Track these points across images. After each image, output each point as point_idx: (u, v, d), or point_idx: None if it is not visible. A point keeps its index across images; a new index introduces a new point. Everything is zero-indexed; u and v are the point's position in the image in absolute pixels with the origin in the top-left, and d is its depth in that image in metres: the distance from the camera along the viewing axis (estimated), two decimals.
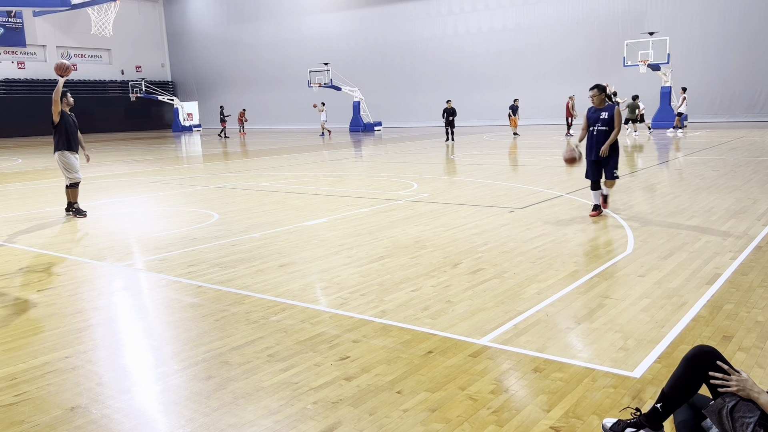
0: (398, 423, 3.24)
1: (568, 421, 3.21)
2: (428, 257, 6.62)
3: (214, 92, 52.56)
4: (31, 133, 45.69)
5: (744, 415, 2.58)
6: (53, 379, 3.93)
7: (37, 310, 5.34)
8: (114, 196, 12.53)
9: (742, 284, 5.36)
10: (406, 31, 42.00)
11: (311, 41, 45.80)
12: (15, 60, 45.36)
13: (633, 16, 33.94)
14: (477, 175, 13.77)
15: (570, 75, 35.53)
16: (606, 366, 3.84)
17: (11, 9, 24.44)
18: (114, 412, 3.48)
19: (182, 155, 24.24)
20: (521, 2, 37.63)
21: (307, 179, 14.13)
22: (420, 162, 17.55)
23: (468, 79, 39.68)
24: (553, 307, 4.93)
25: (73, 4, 20.14)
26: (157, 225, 9.37)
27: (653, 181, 12.02)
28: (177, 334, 4.67)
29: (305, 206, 10.38)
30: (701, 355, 2.80)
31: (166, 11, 55.59)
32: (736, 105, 31.92)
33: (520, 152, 19.13)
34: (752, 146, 18.19)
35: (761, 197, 9.58)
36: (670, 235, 7.27)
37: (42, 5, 21.73)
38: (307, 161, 19.08)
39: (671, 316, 4.65)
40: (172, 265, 6.68)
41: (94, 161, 22.00)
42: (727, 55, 31.48)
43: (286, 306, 5.20)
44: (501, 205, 9.73)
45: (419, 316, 4.81)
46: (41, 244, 8.05)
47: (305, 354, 4.17)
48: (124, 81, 51.53)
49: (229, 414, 3.40)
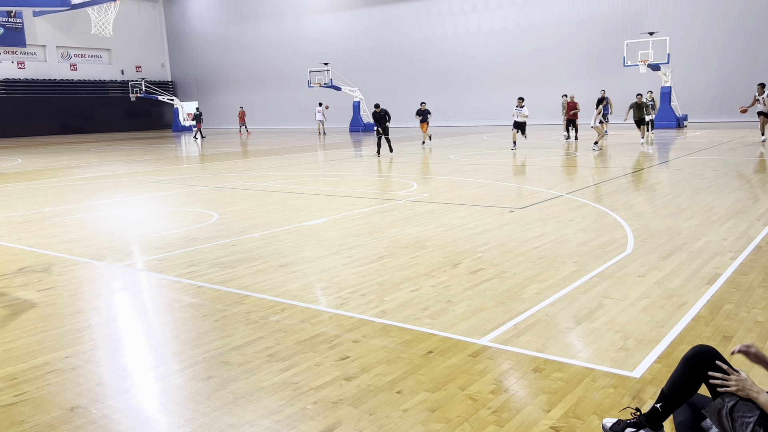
0: (398, 423, 3.24)
1: (568, 421, 3.21)
2: (428, 257, 6.62)
3: (214, 92, 52.56)
4: (31, 133, 45.70)
5: (743, 414, 2.58)
6: (53, 379, 3.93)
7: (37, 310, 5.34)
8: (114, 196, 12.53)
9: (742, 284, 5.36)
10: (406, 31, 41.99)
11: (311, 41, 45.79)
12: (15, 60, 45.35)
13: (633, 16, 33.93)
14: (477, 175, 13.77)
15: (570, 75, 35.54)
16: (606, 366, 3.84)
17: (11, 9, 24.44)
18: (114, 412, 3.48)
19: (182, 155, 24.23)
20: (521, 2, 37.63)
21: (307, 179, 14.12)
22: (420, 162, 17.55)
23: (468, 79, 39.67)
24: (553, 307, 4.93)
25: (73, 4, 20.12)
26: (157, 225, 9.37)
27: (653, 181, 12.02)
28: (177, 334, 4.67)
29: (305, 206, 10.38)
30: (701, 355, 2.80)
31: (166, 11, 55.58)
32: (736, 105, 31.77)
33: (520, 152, 19.13)
34: (752, 146, 18.19)
35: (761, 197, 9.58)
36: (670, 235, 7.27)
37: (42, 5, 21.73)
38: (307, 161, 19.08)
39: (671, 316, 4.65)
40: (172, 265, 6.68)
41: (94, 161, 22.00)
42: (727, 55, 31.47)
43: (286, 306, 5.20)
44: (501, 205, 9.73)
45: (419, 316, 4.81)
46: (41, 244, 8.05)
47: (305, 354, 4.17)
48: (124, 81, 51.52)
49: (229, 414, 3.40)
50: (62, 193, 13.30)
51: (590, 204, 9.48)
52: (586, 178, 12.73)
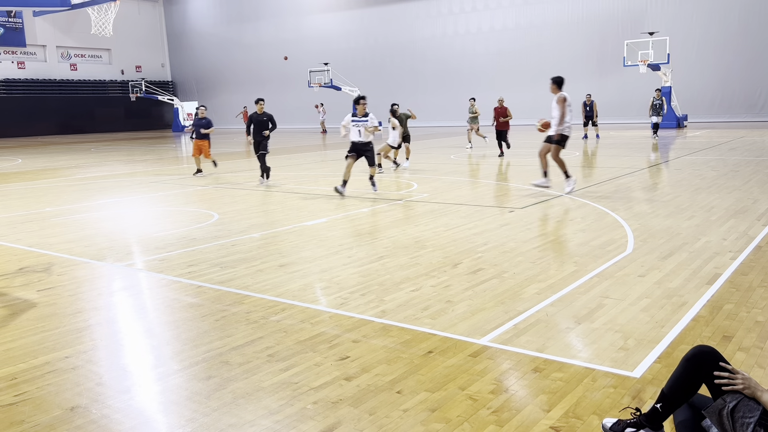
0: (398, 423, 3.24)
1: (568, 421, 3.21)
2: (428, 257, 6.62)
3: (214, 92, 52.52)
4: (31, 133, 45.68)
5: (744, 415, 2.58)
6: (53, 379, 3.93)
7: (37, 310, 5.34)
8: (114, 196, 12.53)
9: (742, 284, 5.36)
10: (406, 31, 41.98)
11: (311, 41, 45.77)
12: (15, 60, 45.32)
13: (633, 16, 33.93)
14: (477, 175, 13.76)
15: (570, 75, 35.40)
16: (606, 366, 3.83)
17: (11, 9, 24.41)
18: (114, 412, 3.48)
19: (182, 155, 24.22)
20: (521, 2, 37.62)
21: (307, 179, 14.12)
22: (420, 162, 17.54)
23: (468, 79, 39.64)
24: (553, 307, 4.93)
25: (73, 4, 20.10)
26: (157, 225, 9.36)
27: (653, 181, 12.02)
28: (177, 334, 4.67)
29: (305, 206, 10.38)
30: (701, 356, 2.80)
31: (166, 11, 55.56)
32: (736, 105, 31.91)
33: (520, 152, 19.13)
34: (752, 146, 18.19)
35: (761, 197, 9.58)
36: (670, 235, 7.27)
37: (42, 5, 21.70)
38: (307, 161, 19.08)
39: (671, 316, 4.65)
40: (172, 265, 6.68)
41: (94, 161, 22.00)
42: (727, 55, 31.47)
43: (286, 306, 5.20)
44: (501, 205, 9.73)
45: (419, 316, 4.81)
46: (41, 244, 8.04)
47: (305, 354, 4.17)
48: (124, 81, 51.50)
49: (229, 414, 3.40)
50: (62, 193, 13.30)
51: (590, 204, 9.47)
52: (586, 178, 12.72)
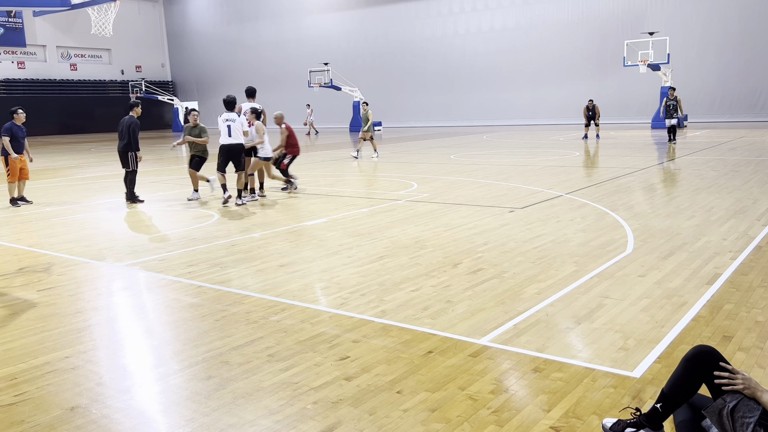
0: (398, 423, 3.24)
1: (568, 421, 3.21)
2: (428, 257, 6.62)
3: (214, 92, 52.45)
4: (31, 133, 45.33)
5: (744, 415, 2.58)
6: (53, 379, 3.93)
7: (37, 310, 5.34)
8: (114, 196, 12.53)
9: (742, 284, 5.36)
10: (406, 31, 41.97)
11: (311, 41, 45.77)
12: (15, 60, 45.34)
13: (633, 16, 33.93)
14: (477, 175, 13.76)
15: (570, 75, 35.54)
16: (606, 366, 3.83)
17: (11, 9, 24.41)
18: (114, 412, 3.48)
19: (182, 155, 24.21)
20: (521, 2, 37.62)
21: (307, 179, 14.11)
22: (420, 162, 17.54)
23: (468, 79, 39.66)
24: (553, 307, 4.93)
25: (73, 4, 20.08)
26: (157, 225, 9.37)
27: (653, 181, 12.02)
28: (177, 334, 4.67)
29: (305, 206, 10.38)
30: (701, 356, 2.80)
31: (166, 11, 55.56)
32: (736, 105, 31.91)
33: (519, 152, 19.13)
34: (752, 146, 18.19)
35: (761, 197, 9.58)
36: (670, 235, 7.27)
37: (42, 5, 21.68)
38: (307, 161, 19.07)
39: (671, 316, 4.65)
40: (172, 265, 6.68)
41: (94, 161, 22.01)
42: (727, 55, 31.47)
43: (286, 306, 5.20)
44: (501, 205, 9.73)
45: (419, 316, 4.81)
46: (41, 244, 8.05)
47: (305, 354, 4.17)
48: (124, 81, 51.51)
49: (229, 414, 3.40)
50: (62, 193, 13.30)
51: (590, 204, 9.48)
52: (586, 178, 12.72)
